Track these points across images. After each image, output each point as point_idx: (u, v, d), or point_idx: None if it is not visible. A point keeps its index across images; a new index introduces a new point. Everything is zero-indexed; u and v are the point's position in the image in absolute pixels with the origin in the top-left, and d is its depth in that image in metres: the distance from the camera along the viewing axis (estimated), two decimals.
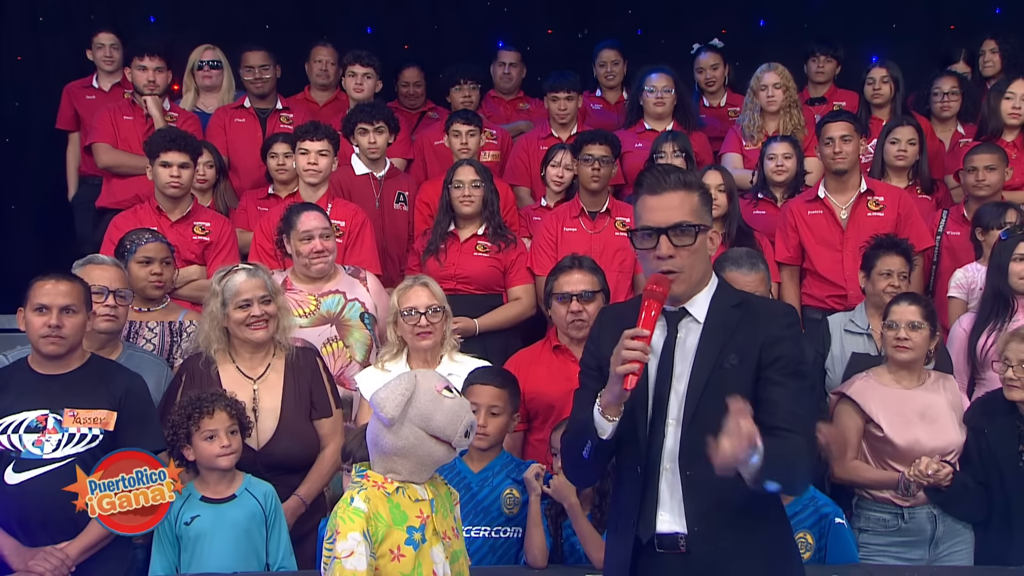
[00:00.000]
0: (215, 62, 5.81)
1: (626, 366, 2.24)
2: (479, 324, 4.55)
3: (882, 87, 5.51)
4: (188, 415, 3.21)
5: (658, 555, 2.35)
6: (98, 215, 5.29)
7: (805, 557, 3.26)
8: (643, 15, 6.99)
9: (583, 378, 2.52)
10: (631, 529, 2.37)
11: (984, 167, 4.69)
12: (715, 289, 2.45)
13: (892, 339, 3.77)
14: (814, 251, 4.70)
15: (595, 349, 2.49)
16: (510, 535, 3.31)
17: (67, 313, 3.22)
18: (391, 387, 2.37)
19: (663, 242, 2.35)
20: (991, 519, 3.67)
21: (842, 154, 4.66)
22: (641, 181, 2.46)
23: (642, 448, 2.37)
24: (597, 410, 2.33)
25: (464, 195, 4.64)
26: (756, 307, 2.45)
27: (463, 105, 5.74)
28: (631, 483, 2.39)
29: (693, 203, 2.39)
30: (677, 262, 2.35)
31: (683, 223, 2.36)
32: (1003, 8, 6.82)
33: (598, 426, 2.33)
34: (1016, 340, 3.66)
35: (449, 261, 4.65)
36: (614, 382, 2.28)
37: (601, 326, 2.53)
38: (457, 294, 4.56)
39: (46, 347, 3.23)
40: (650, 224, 2.37)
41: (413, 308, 3.76)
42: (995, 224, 4.43)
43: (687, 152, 4.89)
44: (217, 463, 3.21)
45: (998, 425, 3.68)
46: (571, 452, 2.48)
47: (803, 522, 3.33)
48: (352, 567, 2.25)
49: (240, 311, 3.57)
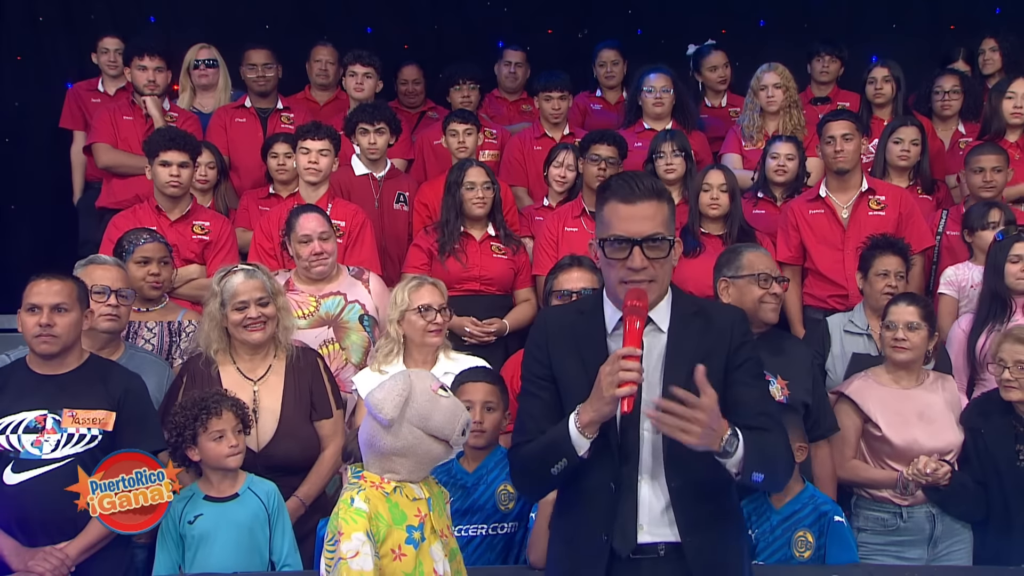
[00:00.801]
0: (211, 61, 5.80)
1: (624, 389, 2.19)
2: (509, 324, 4.58)
3: (884, 87, 5.50)
4: (194, 416, 3.21)
5: (633, 561, 2.32)
6: (98, 216, 5.30)
7: (805, 556, 3.27)
8: (643, 15, 6.99)
9: (530, 387, 2.45)
10: (601, 544, 2.32)
11: (991, 168, 4.68)
12: (672, 297, 2.43)
13: (890, 339, 3.77)
14: (815, 250, 4.70)
15: (543, 357, 2.43)
16: (507, 531, 3.32)
17: (58, 312, 3.22)
18: (387, 388, 2.38)
19: (636, 253, 2.31)
20: (989, 519, 3.67)
21: (843, 153, 4.65)
22: (610, 186, 2.40)
23: (616, 462, 2.33)
24: (575, 428, 2.27)
25: (477, 196, 4.64)
26: (712, 314, 2.44)
27: (462, 105, 5.74)
28: (600, 497, 2.34)
29: (664, 214, 2.36)
30: (649, 273, 2.32)
31: (657, 235, 2.32)
32: (1003, 8, 6.82)
33: (576, 444, 2.27)
34: (1010, 341, 3.67)
35: (472, 262, 4.65)
36: (604, 403, 2.22)
37: (548, 334, 2.45)
38: (480, 295, 4.60)
39: (39, 346, 3.23)
40: (623, 234, 2.32)
41: (428, 305, 3.77)
42: (980, 224, 4.43)
43: (686, 151, 4.88)
44: (226, 463, 3.21)
45: (995, 425, 3.68)
46: (535, 468, 2.37)
47: (803, 520, 3.33)
48: (359, 567, 2.25)
49: (237, 312, 3.57)
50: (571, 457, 2.28)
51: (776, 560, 3.30)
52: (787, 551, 3.30)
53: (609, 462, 2.32)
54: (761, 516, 3.37)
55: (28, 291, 3.24)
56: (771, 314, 3.64)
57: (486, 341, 4.50)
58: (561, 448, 2.29)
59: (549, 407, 2.39)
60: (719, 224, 4.63)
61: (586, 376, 2.32)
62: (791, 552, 3.30)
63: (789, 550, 3.30)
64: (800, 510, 3.34)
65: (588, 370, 2.32)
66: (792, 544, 3.30)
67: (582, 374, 2.34)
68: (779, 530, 3.33)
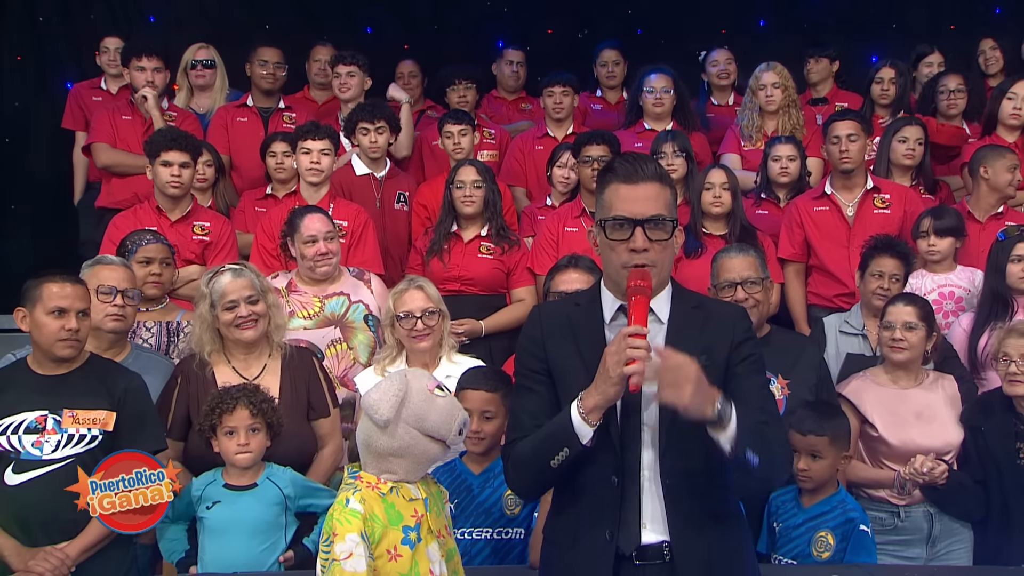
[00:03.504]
0: (209, 61, 5.80)
1: (633, 367, 2.12)
2: (485, 326, 4.56)
3: (890, 87, 5.50)
4: (212, 408, 3.24)
5: (637, 567, 2.26)
6: (98, 215, 5.30)
7: (824, 556, 3.27)
8: (643, 15, 7.00)
9: (525, 381, 2.39)
10: (607, 542, 2.26)
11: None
12: (673, 290, 2.38)
13: (888, 340, 3.77)
14: (821, 247, 4.70)
15: (538, 351, 2.37)
16: (512, 536, 3.29)
17: (82, 316, 3.24)
18: (383, 389, 2.37)
19: (638, 234, 2.25)
20: (989, 518, 3.67)
21: (849, 153, 4.66)
22: (612, 167, 2.34)
23: (617, 456, 2.27)
24: (578, 415, 2.20)
25: (465, 195, 4.64)
26: (714, 309, 2.40)
27: (458, 105, 5.74)
28: (602, 493, 2.28)
29: (667, 197, 2.30)
30: (650, 256, 2.26)
31: (660, 216, 2.26)
32: (1003, 8, 6.82)
33: (579, 432, 2.20)
34: (1014, 336, 3.67)
35: (453, 262, 4.65)
36: (611, 384, 2.16)
37: (543, 327, 2.40)
38: (461, 295, 4.57)
39: (63, 350, 3.22)
40: (625, 215, 2.26)
41: (408, 312, 3.75)
42: (916, 235, 4.45)
43: (687, 152, 4.88)
44: (234, 460, 3.23)
45: (995, 424, 3.68)
46: (534, 461, 2.29)
47: (828, 522, 3.33)
48: (352, 569, 2.25)
49: (228, 312, 3.57)
50: (573, 446, 2.21)
51: (793, 556, 3.32)
52: (806, 549, 3.32)
53: (610, 455, 2.27)
54: (788, 511, 3.40)
55: (47, 293, 3.20)
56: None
57: (459, 341, 4.47)
58: (562, 438, 2.22)
59: (545, 402, 2.33)
60: (721, 224, 4.63)
61: (584, 367, 2.27)
62: (810, 550, 3.31)
63: (808, 548, 3.31)
64: (828, 512, 3.35)
65: (586, 361, 2.27)
66: (812, 543, 3.31)
67: (580, 366, 2.30)
68: (803, 527, 3.35)
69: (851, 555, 3.27)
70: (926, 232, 4.40)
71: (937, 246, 4.39)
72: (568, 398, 2.26)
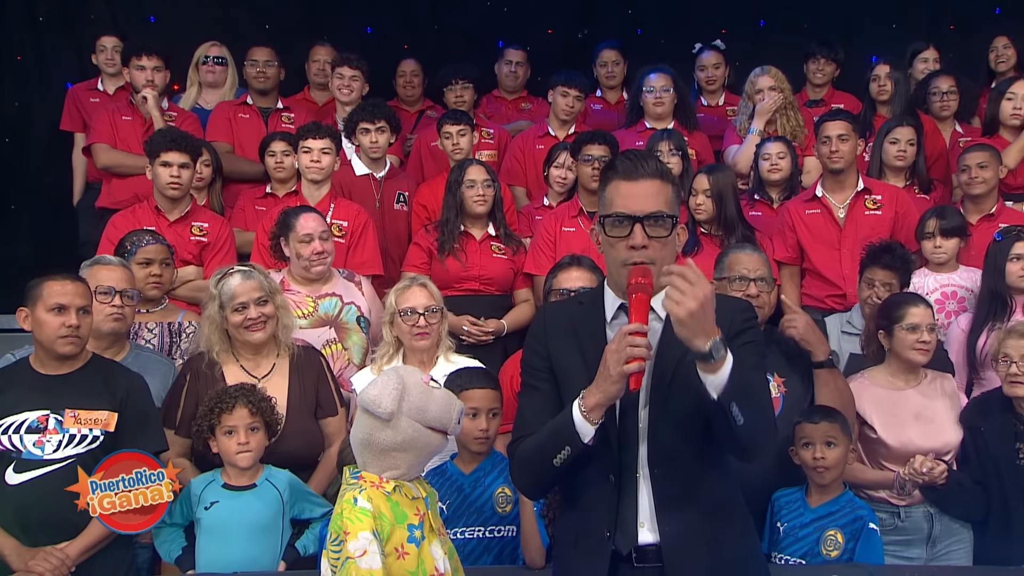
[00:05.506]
0: (220, 59, 5.83)
1: (633, 365, 2.12)
2: (507, 324, 4.57)
3: (887, 83, 5.50)
4: (211, 408, 3.24)
5: (636, 569, 2.26)
6: (98, 216, 5.30)
7: (832, 555, 3.28)
8: (643, 15, 7.00)
9: (530, 380, 2.40)
10: (605, 543, 2.26)
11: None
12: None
13: (914, 342, 3.70)
14: (812, 250, 4.70)
15: (542, 350, 2.38)
16: (504, 534, 3.31)
17: (83, 313, 3.24)
18: (380, 385, 2.38)
19: (638, 231, 2.24)
20: (989, 518, 3.67)
21: (839, 153, 4.65)
22: (614, 165, 2.33)
23: (615, 454, 2.27)
24: (580, 412, 2.20)
25: (478, 194, 4.64)
26: (716, 304, 2.33)
27: (455, 105, 5.73)
28: (601, 493, 2.29)
29: (667, 194, 2.29)
30: (650, 253, 2.24)
31: (660, 213, 2.25)
32: (1003, 8, 6.82)
33: (580, 430, 2.19)
34: (1015, 337, 3.66)
35: (471, 262, 4.65)
36: (611, 382, 2.15)
37: (547, 327, 2.41)
38: (479, 295, 4.60)
39: (64, 347, 3.22)
40: (625, 211, 2.25)
41: (411, 308, 3.75)
42: (921, 236, 4.43)
43: (683, 151, 4.89)
44: (234, 460, 3.23)
45: (995, 424, 3.68)
46: (537, 460, 2.29)
47: (837, 520, 3.34)
48: (368, 566, 2.25)
49: (237, 314, 3.58)
50: (575, 444, 2.20)
51: (800, 556, 3.33)
52: (815, 548, 3.32)
53: (608, 453, 2.27)
54: (793, 510, 3.40)
55: (48, 291, 3.22)
56: None
57: (484, 341, 4.49)
58: (564, 436, 2.22)
59: (550, 400, 2.34)
60: (714, 225, 4.63)
61: (585, 367, 2.27)
62: (819, 549, 3.32)
63: (817, 547, 3.32)
64: (836, 511, 3.36)
65: (587, 360, 2.27)
66: (822, 542, 3.32)
67: (581, 365, 2.30)
68: (811, 527, 3.35)
69: (861, 554, 3.28)
70: (932, 233, 4.40)
71: (944, 247, 4.40)
72: (570, 397, 2.26)
